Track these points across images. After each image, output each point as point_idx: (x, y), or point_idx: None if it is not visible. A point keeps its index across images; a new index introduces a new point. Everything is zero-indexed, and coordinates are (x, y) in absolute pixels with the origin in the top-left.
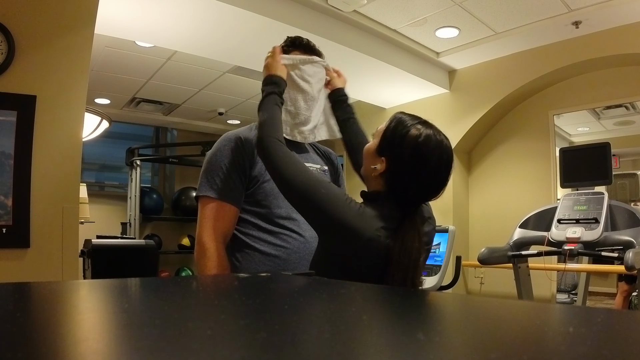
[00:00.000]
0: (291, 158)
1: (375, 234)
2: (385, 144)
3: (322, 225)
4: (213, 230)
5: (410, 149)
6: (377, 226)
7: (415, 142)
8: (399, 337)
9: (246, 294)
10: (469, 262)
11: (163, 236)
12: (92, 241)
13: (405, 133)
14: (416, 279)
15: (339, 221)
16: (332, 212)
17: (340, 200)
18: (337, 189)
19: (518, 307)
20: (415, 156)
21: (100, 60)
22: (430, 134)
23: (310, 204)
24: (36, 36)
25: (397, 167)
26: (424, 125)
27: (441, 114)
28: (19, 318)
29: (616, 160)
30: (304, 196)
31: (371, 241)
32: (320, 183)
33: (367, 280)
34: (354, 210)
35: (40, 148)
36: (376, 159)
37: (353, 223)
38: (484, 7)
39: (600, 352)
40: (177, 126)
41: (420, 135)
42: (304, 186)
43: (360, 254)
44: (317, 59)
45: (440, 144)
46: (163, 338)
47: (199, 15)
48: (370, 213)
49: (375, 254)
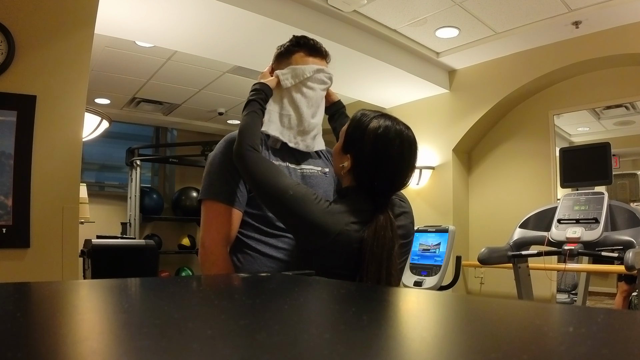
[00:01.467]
0: (263, 164)
1: (344, 228)
2: (348, 141)
3: (293, 225)
4: (216, 233)
5: (370, 142)
6: (347, 221)
7: (375, 134)
8: (399, 337)
9: (246, 294)
10: (469, 262)
11: (163, 236)
12: (92, 241)
13: (365, 127)
14: (392, 269)
15: (306, 220)
16: (300, 212)
17: (307, 200)
18: (306, 189)
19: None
20: (376, 148)
21: (100, 60)
22: (389, 124)
23: (280, 206)
24: (36, 36)
25: (361, 162)
26: (383, 117)
27: (441, 114)
28: (19, 318)
29: (616, 160)
30: (275, 199)
31: (340, 235)
32: (288, 186)
33: (343, 274)
34: (322, 208)
35: (40, 148)
36: (343, 157)
37: (321, 220)
38: (484, 7)
39: (600, 352)
40: (177, 126)
41: (380, 127)
42: (274, 190)
43: (331, 249)
44: (325, 69)
45: (399, 133)
46: (163, 338)
47: (199, 15)
48: (340, 209)
49: (346, 248)
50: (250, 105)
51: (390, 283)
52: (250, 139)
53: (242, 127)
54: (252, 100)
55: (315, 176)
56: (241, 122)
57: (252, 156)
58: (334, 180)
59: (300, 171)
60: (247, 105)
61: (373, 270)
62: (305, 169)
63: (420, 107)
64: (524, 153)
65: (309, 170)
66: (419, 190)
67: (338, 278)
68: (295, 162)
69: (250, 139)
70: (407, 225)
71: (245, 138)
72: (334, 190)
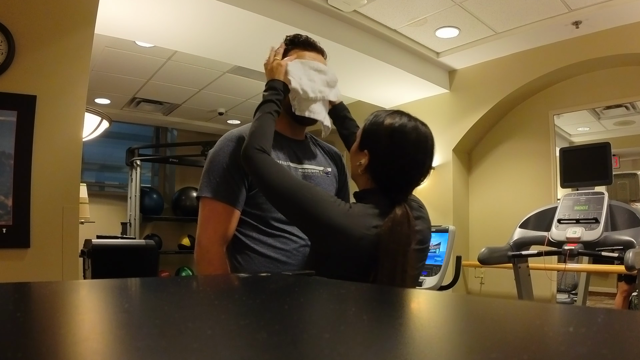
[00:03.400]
0: (274, 166)
1: (365, 233)
2: (365, 138)
3: (311, 228)
4: (213, 232)
5: (387, 137)
6: (368, 225)
7: (391, 128)
8: (400, 337)
9: (246, 294)
10: (469, 262)
11: (163, 236)
12: (92, 241)
13: (381, 123)
14: (407, 267)
15: (327, 223)
16: (320, 215)
17: (327, 202)
18: (322, 191)
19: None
20: (393, 142)
21: (100, 60)
22: (405, 120)
23: (297, 208)
24: (36, 36)
25: (378, 157)
26: (398, 114)
27: (441, 114)
28: (19, 318)
29: (616, 160)
30: (290, 202)
31: (362, 240)
32: (304, 187)
33: (360, 276)
34: (342, 210)
35: (40, 148)
36: (359, 155)
37: (342, 224)
38: (484, 7)
39: (600, 352)
40: (177, 126)
41: (395, 123)
42: (288, 192)
43: (352, 254)
44: (327, 70)
45: (415, 128)
46: (163, 338)
47: (199, 15)
48: (360, 211)
49: (367, 252)
50: (266, 106)
51: (405, 283)
52: (260, 141)
53: (253, 128)
54: (269, 101)
55: (316, 176)
56: (253, 123)
57: (261, 158)
58: (336, 180)
59: (302, 171)
60: (262, 104)
61: (387, 267)
62: (307, 168)
63: (420, 107)
64: (524, 153)
65: (310, 170)
66: (419, 190)
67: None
68: (297, 162)
69: (261, 141)
70: (424, 231)
71: (255, 140)
72: (335, 190)
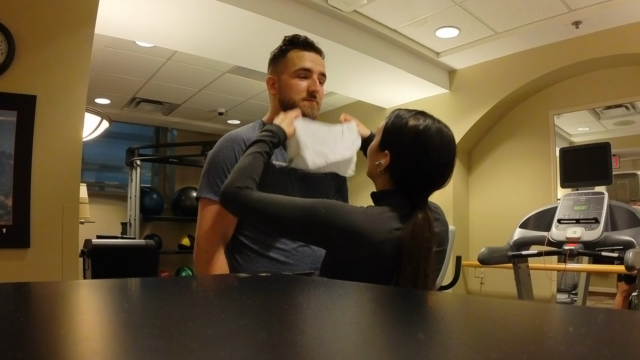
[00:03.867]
0: (266, 197)
1: (387, 236)
2: (387, 138)
3: (332, 241)
4: (213, 232)
5: (410, 138)
6: (389, 228)
7: (415, 130)
8: (399, 337)
9: (246, 294)
10: (469, 262)
11: (163, 236)
12: (92, 241)
13: (404, 124)
14: (429, 270)
15: (348, 230)
16: (340, 224)
17: (343, 210)
18: (334, 201)
19: (518, 307)
20: (416, 144)
21: (100, 60)
22: (429, 122)
23: (315, 227)
24: (36, 36)
25: (400, 158)
26: (422, 115)
27: (441, 114)
28: (19, 318)
29: (616, 160)
30: (305, 225)
31: (384, 244)
32: (316, 204)
33: (383, 280)
34: (360, 214)
35: (40, 148)
36: (379, 155)
37: (363, 228)
38: (484, 7)
39: (600, 352)
40: (177, 126)
41: (419, 124)
42: (300, 216)
43: (374, 259)
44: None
45: (440, 131)
46: (163, 338)
47: (199, 15)
48: (380, 214)
49: (389, 256)
50: (258, 145)
51: (427, 285)
52: (243, 181)
53: (239, 166)
54: (262, 141)
55: (315, 177)
56: (240, 160)
57: (249, 195)
58: (335, 180)
59: (301, 171)
60: (255, 143)
61: (410, 270)
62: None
63: (420, 107)
64: (524, 153)
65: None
66: None
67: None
68: None
69: (244, 181)
70: (442, 233)
71: (236, 179)
72: (334, 190)
